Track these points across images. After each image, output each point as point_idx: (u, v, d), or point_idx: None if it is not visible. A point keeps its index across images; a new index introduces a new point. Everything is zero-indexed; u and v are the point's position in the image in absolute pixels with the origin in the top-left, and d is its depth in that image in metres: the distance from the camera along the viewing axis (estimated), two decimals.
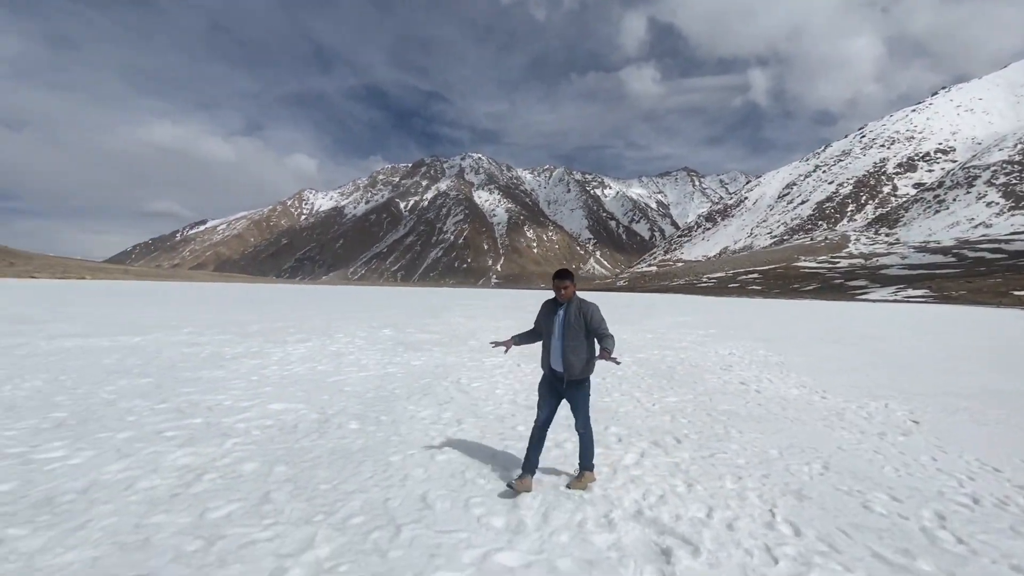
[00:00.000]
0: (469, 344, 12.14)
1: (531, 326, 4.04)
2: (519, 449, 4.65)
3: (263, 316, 18.95)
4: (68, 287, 52.38)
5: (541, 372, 4.01)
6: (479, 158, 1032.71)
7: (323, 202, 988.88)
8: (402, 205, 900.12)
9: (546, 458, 4.48)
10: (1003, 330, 23.68)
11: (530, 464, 3.76)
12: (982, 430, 5.91)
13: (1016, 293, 77.93)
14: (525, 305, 37.05)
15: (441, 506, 3.41)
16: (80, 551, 2.75)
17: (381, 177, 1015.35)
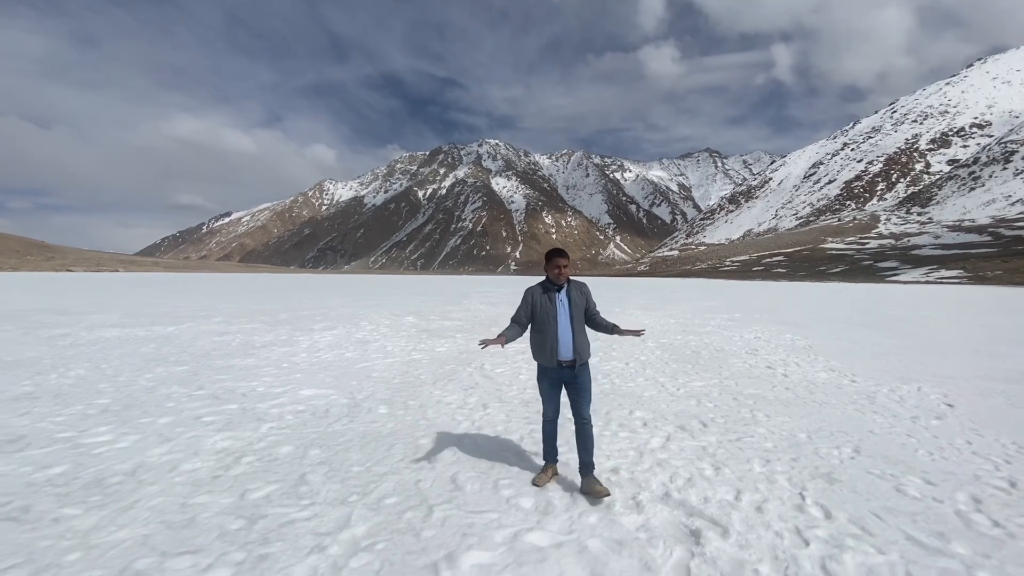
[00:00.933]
0: (491, 330, 12.22)
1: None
2: None
3: (289, 305, 19.37)
4: (103, 279, 54.33)
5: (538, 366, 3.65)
6: (496, 144, 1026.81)
7: (343, 192, 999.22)
8: (420, 194, 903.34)
9: (570, 442, 4.53)
10: None
11: (551, 454, 3.71)
12: (1019, 413, 5.73)
13: None
14: None
15: (471, 487, 3.49)
16: (131, 529, 2.91)
17: (399, 166, 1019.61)
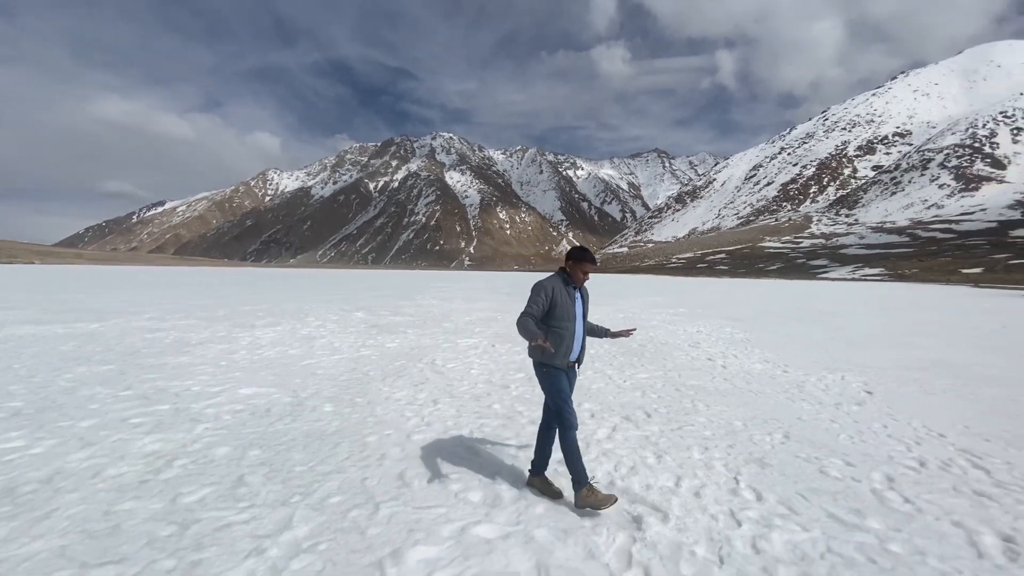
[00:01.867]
0: (443, 326, 12.13)
1: (520, 311, 3.40)
2: (495, 427, 4.73)
3: (229, 300, 18.44)
4: (15, 272, 49.63)
5: (534, 362, 3.36)
6: (450, 138, 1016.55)
7: (288, 182, 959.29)
8: (371, 186, 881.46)
9: (520, 435, 4.58)
10: (952, 306, 25.05)
11: (583, 472, 3.22)
12: (930, 399, 6.30)
13: (964, 271, 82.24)
14: (499, 287, 37.13)
15: (419, 483, 3.46)
16: (47, 540, 2.69)
17: (349, 157, 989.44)
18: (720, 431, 4.82)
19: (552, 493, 3.36)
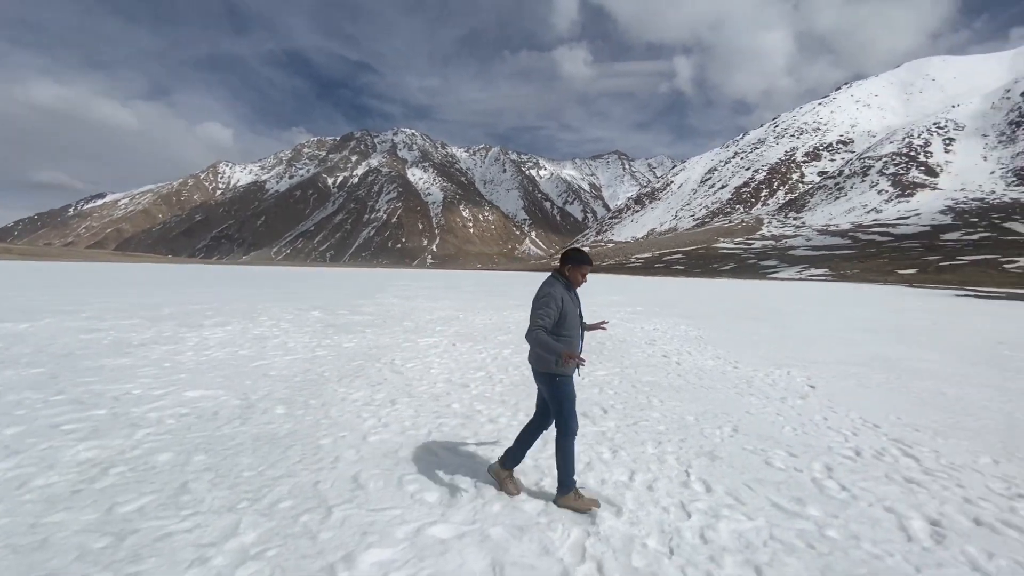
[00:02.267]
0: (404, 325, 11.96)
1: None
2: (453, 426, 4.71)
3: (176, 299, 17.55)
4: None
5: (530, 370, 3.38)
6: (412, 134, 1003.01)
7: (241, 176, 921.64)
8: (330, 181, 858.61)
9: (479, 434, 4.57)
10: (888, 305, 26.71)
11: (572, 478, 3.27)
12: (866, 392, 6.70)
13: (900, 272, 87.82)
14: (462, 285, 36.92)
15: (374, 485, 3.40)
16: None
17: (306, 151, 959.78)
18: (673, 426, 4.97)
19: (510, 490, 3.36)
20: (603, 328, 3.60)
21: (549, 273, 3.38)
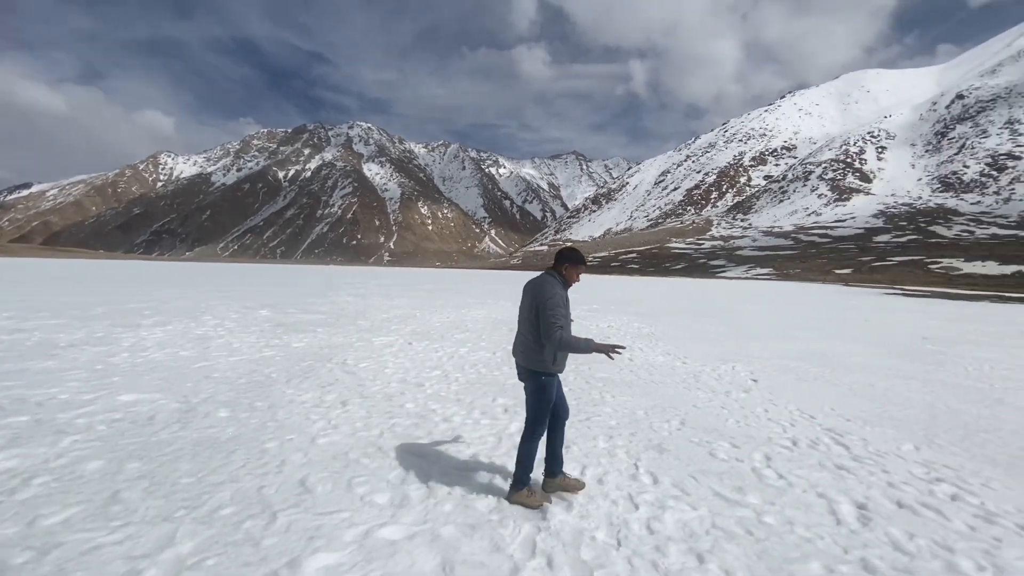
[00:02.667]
0: (358, 324, 11.69)
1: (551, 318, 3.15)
2: (406, 426, 4.64)
3: (110, 297, 16.46)
4: None
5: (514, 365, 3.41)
6: (368, 128, 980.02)
7: (185, 167, 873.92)
8: (281, 174, 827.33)
9: (433, 434, 4.53)
10: (825, 303, 28.33)
11: (529, 476, 3.32)
12: (804, 385, 7.09)
13: (837, 272, 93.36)
14: (419, 283, 36.45)
15: (322, 489, 3.31)
16: None
17: (256, 143, 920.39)
18: (624, 420, 5.09)
19: (574, 486, 3.36)
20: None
21: (541, 272, 3.37)
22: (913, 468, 4.13)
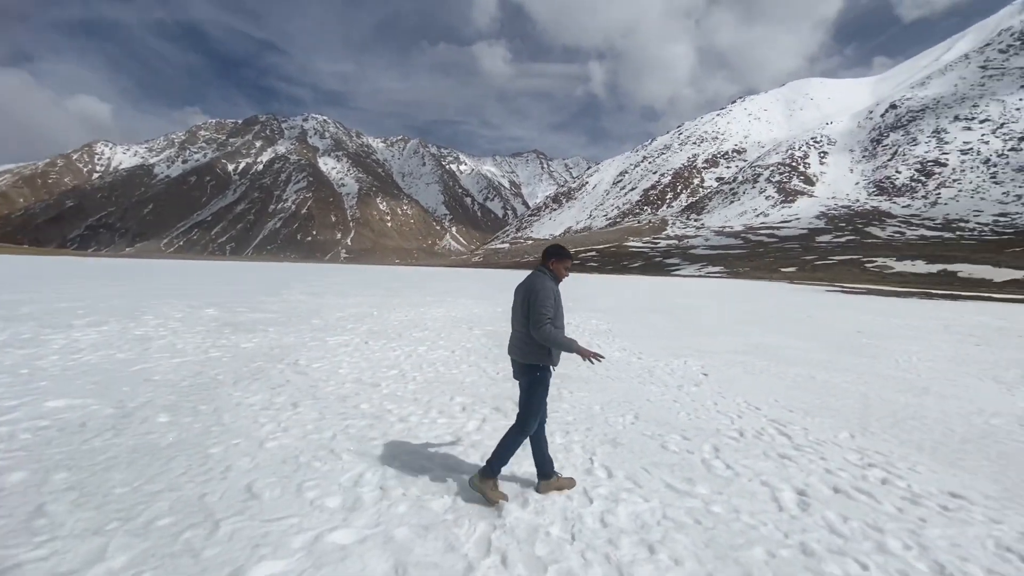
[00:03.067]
0: (312, 323, 11.34)
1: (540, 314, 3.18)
2: (361, 427, 4.54)
3: (39, 295, 15.29)
4: None
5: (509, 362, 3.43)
6: (324, 121, 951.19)
7: (124, 158, 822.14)
8: (230, 167, 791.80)
9: (388, 434, 4.45)
10: (771, 300, 29.68)
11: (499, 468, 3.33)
12: (751, 378, 7.40)
13: (783, 270, 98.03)
14: (378, 281, 35.74)
15: (270, 494, 3.18)
16: None
17: (203, 133, 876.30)
18: (581, 415, 5.17)
19: (568, 485, 3.42)
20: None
21: (532, 271, 3.41)
22: (848, 455, 4.38)
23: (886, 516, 3.30)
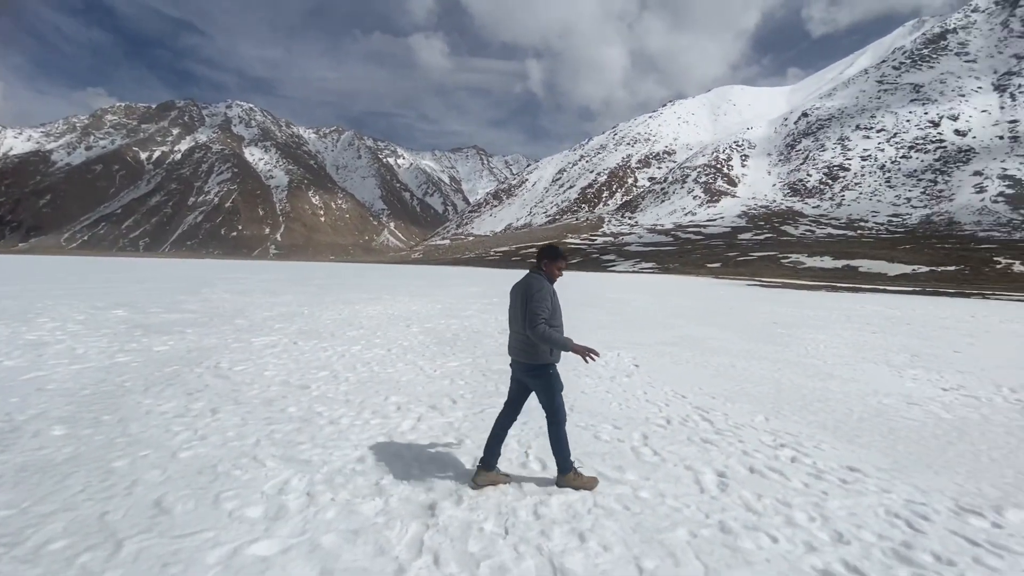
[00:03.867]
0: (235, 323, 10.67)
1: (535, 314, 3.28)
2: (287, 431, 4.33)
3: None
4: None
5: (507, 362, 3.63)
6: (251, 109, 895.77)
7: (16, 143, 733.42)
8: (143, 156, 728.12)
9: (317, 438, 4.27)
10: (698, 294, 31.37)
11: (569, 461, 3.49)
12: (678, 368, 7.78)
13: (709, 266, 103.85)
14: (310, 278, 34.22)
15: (182, 508, 2.96)
16: None
17: (111, 118, 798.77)
18: None
19: (504, 480, 3.49)
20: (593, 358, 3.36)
21: (527, 272, 3.55)
22: (763, 437, 4.71)
23: (794, 492, 3.57)
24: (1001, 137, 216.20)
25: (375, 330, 10.41)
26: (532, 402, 5.48)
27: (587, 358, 3.23)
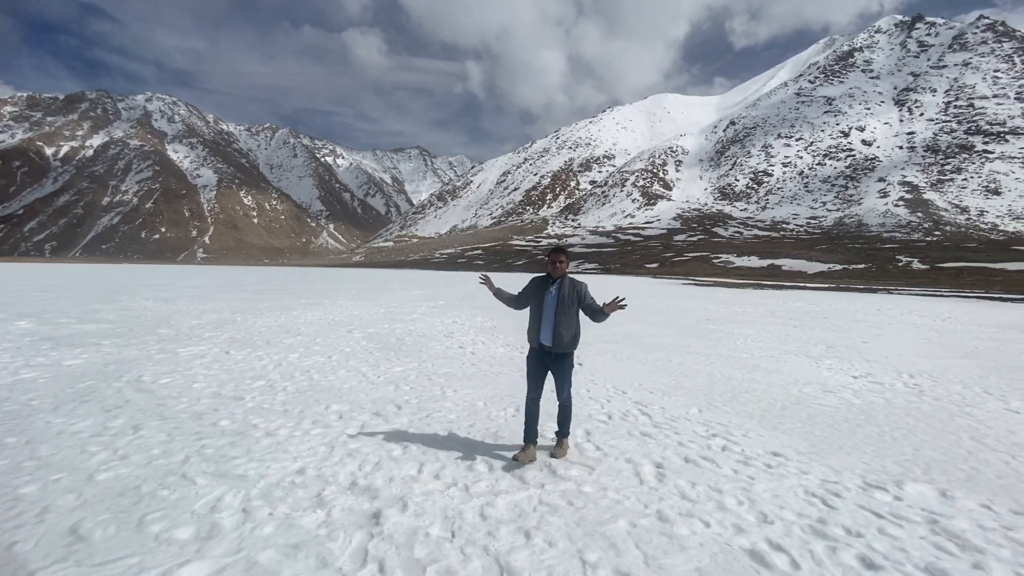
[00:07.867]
0: (159, 333, 9.96)
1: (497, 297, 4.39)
2: (220, 446, 4.11)
3: None
4: None
5: (526, 348, 3.86)
6: (173, 102, 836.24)
7: None
8: (49, 151, 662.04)
9: (253, 451, 4.09)
10: (638, 293, 32.54)
11: (531, 434, 4.05)
12: (618, 365, 8.05)
13: (647, 266, 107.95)
14: (243, 283, 32.44)
15: (101, 534, 2.75)
16: None
17: (9, 109, 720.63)
18: (464, 412, 5.22)
19: (529, 457, 3.96)
20: (622, 306, 4.08)
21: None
22: (697, 428, 4.98)
23: (724, 478, 3.81)
24: (901, 147, 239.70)
25: (314, 336, 10.06)
26: (479, 403, 5.52)
27: (618, 307, 4.07)
